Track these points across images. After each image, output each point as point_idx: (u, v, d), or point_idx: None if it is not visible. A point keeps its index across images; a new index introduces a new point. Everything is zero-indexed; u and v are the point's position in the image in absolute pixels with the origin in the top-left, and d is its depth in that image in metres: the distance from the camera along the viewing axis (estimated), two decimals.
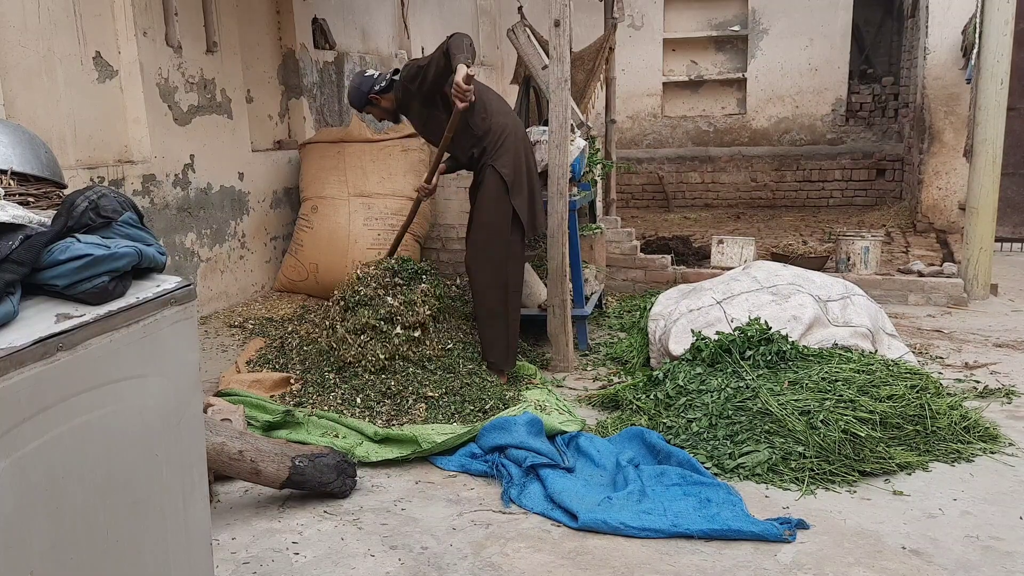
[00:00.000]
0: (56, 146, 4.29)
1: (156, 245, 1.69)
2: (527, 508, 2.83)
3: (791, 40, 9.78)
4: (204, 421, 2.09)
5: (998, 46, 5.24)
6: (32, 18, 4.23)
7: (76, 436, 1.41)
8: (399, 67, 4.17)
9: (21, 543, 1.31)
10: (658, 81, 10.35)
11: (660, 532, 2.60)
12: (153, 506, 1.62)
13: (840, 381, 3.26)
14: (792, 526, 2.61)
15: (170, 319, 1.63)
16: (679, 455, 3.02)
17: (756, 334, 3.54)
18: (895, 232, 7.74)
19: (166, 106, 5.06)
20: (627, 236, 6.03)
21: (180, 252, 5.23)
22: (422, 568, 2.49)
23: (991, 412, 3.54)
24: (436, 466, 3.20)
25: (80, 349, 1.42)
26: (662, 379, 3.58)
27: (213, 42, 5.38)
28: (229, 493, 3.01)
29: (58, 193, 1.87)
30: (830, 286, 3.96)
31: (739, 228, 8.47)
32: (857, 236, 6.17)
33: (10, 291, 1.39)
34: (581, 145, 4.64)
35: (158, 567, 1.65)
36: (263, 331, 5.05)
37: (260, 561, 2.55)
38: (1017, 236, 7.49)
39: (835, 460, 2.98)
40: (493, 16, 10.11)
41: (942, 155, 7.65)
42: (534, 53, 5.10)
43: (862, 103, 9.86)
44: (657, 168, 10.34)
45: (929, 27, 7.54)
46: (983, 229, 5.44)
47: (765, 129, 10.13)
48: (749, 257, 6.00)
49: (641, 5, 10.14)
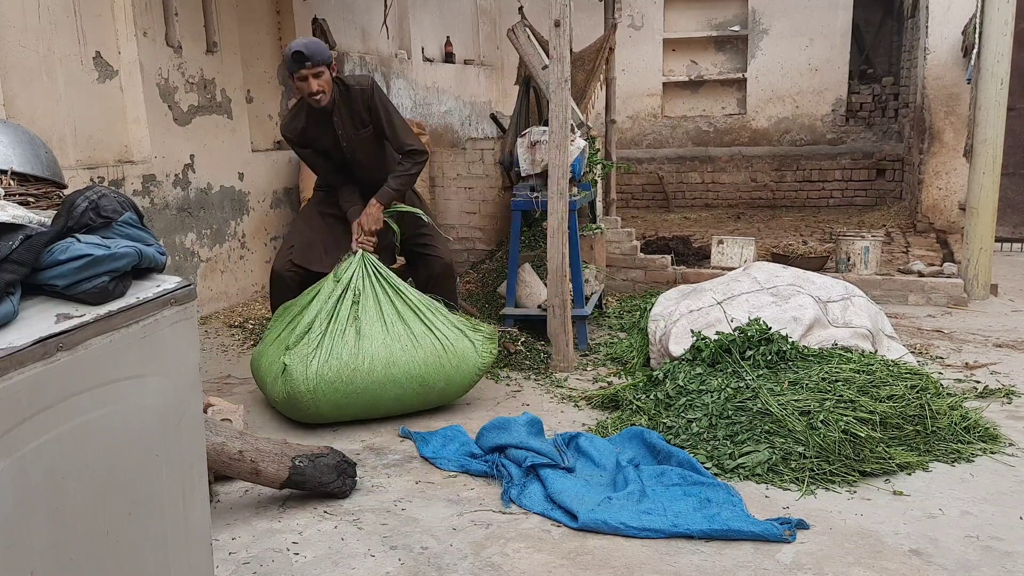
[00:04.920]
0: (56, 146, 4.29)
1: (156, 245, 1.69)
2: (527, 508, 2.83)
3: (791, 40, 9.78)
4: (204, 421, 2.09)
5: (998, 46, 5.23)
6: (32, 18, 4.23)
7: (76, 436, 1.41)
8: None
9: (21, 543, 1.31)
10: (658, 81, 10.35)
11: (660, 532, 2.60)
12: (153, 506, 1.62)
13: (840, 381, 3.26)
14: (792, 526, 2.61)
15: (170, 319, 1.63)
16: (679, 455, 3.02)
17: (756, 334, 3.54)
18: (895, 232, 7.74)
19: (166, 106, 5.06)
20: (627, 236, 6.03)
21: (180, 252, 5.23)
22: (422, 568, 2.49)
23: (991, 412, 3.54)
24: (436, 466, 3.20)
25: (80, 349, 1.42)
26: (662, 379, 3.58)
27: (213, 42, 5.38)
28: (229, 493, 3.01)
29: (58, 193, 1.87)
30: (830, 287, 3.96)
31: (739, 228, 8.47)
32: (857, 236, 6.17)
33: (10, 291, 1.39)
34: (581, 145, 4.64)
35: (158, 567, 1.65)
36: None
37: (260, 561, 2.55)
38: (1017, 236, 7.49)
39: (835, 460, 2.98)
40: (493, 16, 10.11)
41: (942, 155, 7.65)
42: (534, 53, 5.10)
43: (862, 103, 9.86)
44: (657, 168, 10.34)
45: (929, 27, 7.54)
46: (983, 229, 5.43)
47: (765, 129, 10.13)
48: (749, 257, 6.00)
49: (641, 5, 10.14)
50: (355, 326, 3.53)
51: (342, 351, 3.47)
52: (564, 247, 4.20)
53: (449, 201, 5.85)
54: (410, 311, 3.63)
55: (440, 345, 3.58)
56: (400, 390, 3.54)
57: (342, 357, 3.46)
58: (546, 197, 4.22)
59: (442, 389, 3.64)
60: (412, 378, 3.54)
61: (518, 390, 4.06)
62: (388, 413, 3.64)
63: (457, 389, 3.71)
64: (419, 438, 3.41)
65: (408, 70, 7.92)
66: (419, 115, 7.95)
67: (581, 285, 4.66)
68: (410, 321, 3.60)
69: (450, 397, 3.74)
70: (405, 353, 3.52)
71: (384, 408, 3.60)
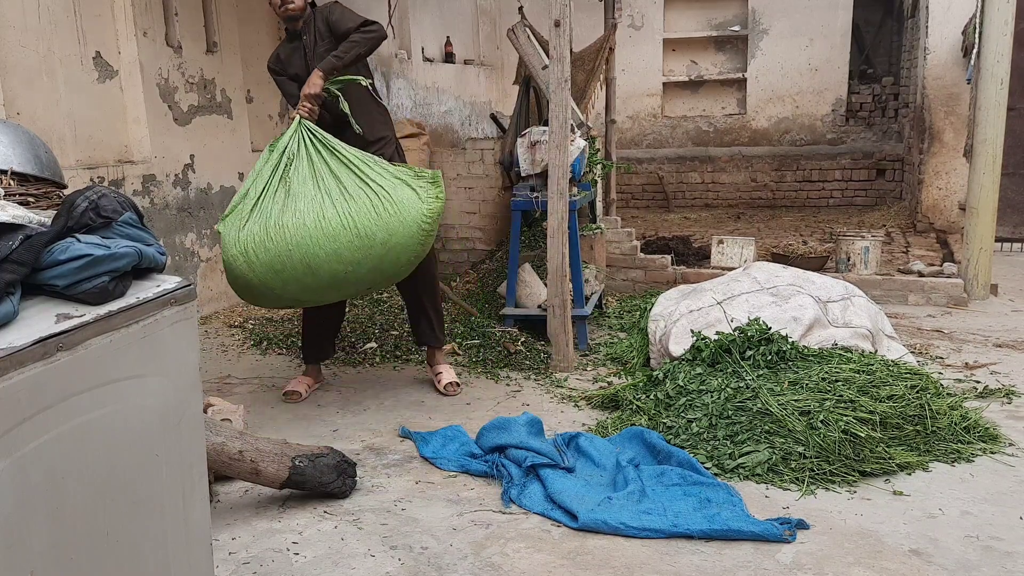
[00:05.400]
0: (56, 146, 4.29)
1: (156, 245, 1.69)
2: (527, 508, 2.83)
3: (791, 40, 9.78)
4: (204, 421, 2.09)
5: (998, 46, 5.23)
6: (32, 18, 4.23)
7: (76, 436, 1.41)
8: None
9: (21, 543, 1.32)
10: (658, 81, 10.35)
11: (660, 532, 2.60)
12: (153, 506, 1.62)
13: (840, 381, 3.26)
14: (792, 526, 2.61)
15: (170, 319, 1.63)
16: (679, 455, 3.02)
17: (756, 334, 3.54)
18: (895, 232, 7.74)
19: (166, 106, 5.06)
20: (627, 236, 6.03)
21: (180, 252, 5.23)
22: (422, 568, 2.49)
23: (991, 412, 3.54)
24: (436, 466, 3.20)
25: (80, 349, 1.42)
26: (662, 379, 3.58)
27: (213, 42, 5.38)
28: (229, 493, 3.01)
29: (58, 193, 1.87)
30: (830, 287, 3.96)
31: (739, 228, 8.47)
32: (857, 236, 6.17)
33: (10, 291, 1.39)
34: (581, 145, 4.64)
35: (158, 567, 1.65)
36: (263, 331, 5.05)
37: (260, 561, 2.55)
38: (1017, 236, 7.49)
39: (835, 460, 2.98)
40: (493, 16, 10.10)
41: (942, 155, 7.65)
42: (534, 53, 5.10)
43: (862, 103, 9.86)
44: (657, 168, 10.34)
45: (929, 27, 7.54)
46: (983, 229, 5.43)
47: (765, 129, 10.13)
48: (749, 257, 6.00)
49: (641, 5, 10.14)
50: (285, 187, 3.40)
51: (271, 210, 3.36)
52: (564, 247, 4.20)
53: (449, 201, 5.85)
54: (344, 168, 3.45)
55: (376, 195, 3.39)
56: (336, 244, 3.31)
57: (271, 216, 3.35)
58: (546, 197, 4.22)
59: (384, 241, 3.37)
60: (346, 229, 3.31)
61: (518, 390, 4.06)
62: (336, 278, 3.39)
63: (404, 242, 3.42)
64: (419, 438, 3.41)
65: (408, 70, 7.92)
66: (419, 115, 7.95)
67: (581, 285, 4.66)
68: (343, 176, 3.43)
69: (400, 256, 3.46)
70: (337, 206, 3.34)
71: (328, 272, 3.35)
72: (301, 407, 3.89)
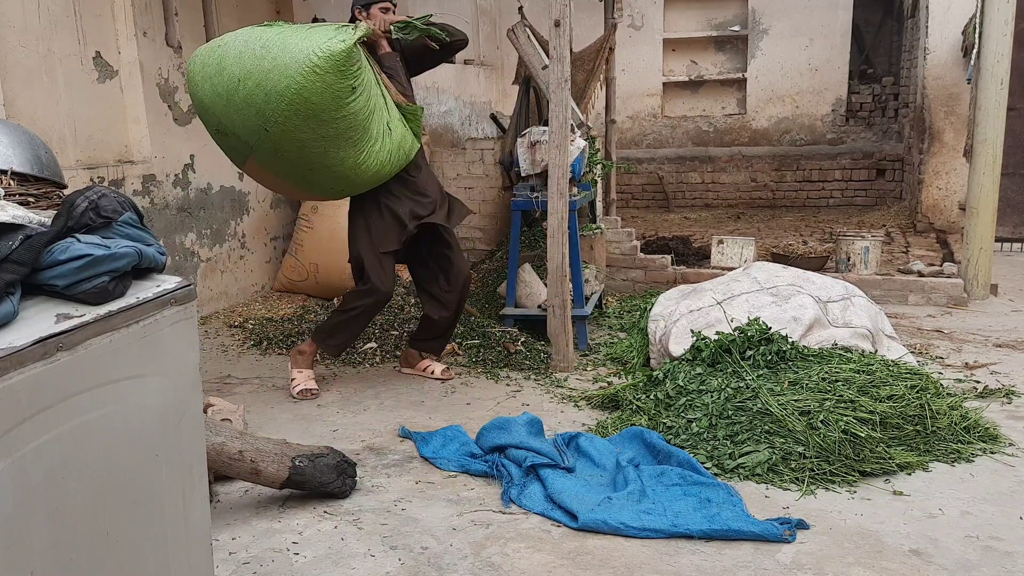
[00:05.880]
0: (56, 146, 4.29)
1: (156, 245, 1.69)
2: (527, 508, 2.83)
3: (791, 40, 9.78)
4: (204, 421, 2.09)
5: (998, 46, 5.23)
6: (32, 18, 4.22)
7: (76, 436, 1.41)
8: None
9: (21, 543, 1.32)
10: (658, 81, 10.34)
11: (660, 532, 2.60)
12: (153, 506, 1.62)
13: (840, 381, 3.27)
14: (792, 526, 2.61)
15: (170, 319, 1.63)
16: (679, 455, 3.02)
17: (756, 334, 3.54)
18: (895, 232, 7.74)
19: (166, 106, 5.06)
20: (627, 236, 6.03)
21: (180, 252, 5.23)
22: (422, 568, 2.49)
23: (991, 412, 3.54)
24: (436, 466, 3.20)
25: (80, 349, 1.42)
26: (662, 379, 3.58)
27: None
28: (229, 493, 3.01)
29: (58, 193, 1.87)
30: (830, 287, 3.96)
31: (739, 228, 8.47)
32: (857, 236, 6.17)
33: (10, 291, 1.39)
34: (581, 145, 4.65)
35: (158, 567, 1.65)
36: (263, 331, 5.05)
37: (260, 561, 2.55)
38: (1017, 236, 7.49)
39: (835, 460, 2.98)
40: (493, 16, 10.10)
41: (942, 155, 7.65)
42: (534, 53, 5.09)
43: (862, 103, 9.86)
44: (657, 168, 10.34)
45: (929, 27, 7.54)
46: (983, 229, 5.44)
47: (765, 129, 10.13)
48: (749, 257, 6.00)
49: (641, 5, 10.13)
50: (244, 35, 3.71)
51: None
52: (564, 247, 4.20)
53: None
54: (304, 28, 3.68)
55: (296, 32, 3.61)
56: (245, 52, 3.56)
57: (218, 48, 3.70)
58: (546, 197, 4.22)
59: (274, 58, 3.48)
60: (258, 46, 3.55)
61: (518, 390, 4.06)
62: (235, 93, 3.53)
63: (286, 64, 3.45)
64: (419, 438, 3.41)
65: None
66: None
67: (581, 285, 4.66)
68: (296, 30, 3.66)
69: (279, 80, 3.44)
70: (271, 35, 3.60)
71: (230, 79, 3.54)
72: (301, 407, 3.89)
